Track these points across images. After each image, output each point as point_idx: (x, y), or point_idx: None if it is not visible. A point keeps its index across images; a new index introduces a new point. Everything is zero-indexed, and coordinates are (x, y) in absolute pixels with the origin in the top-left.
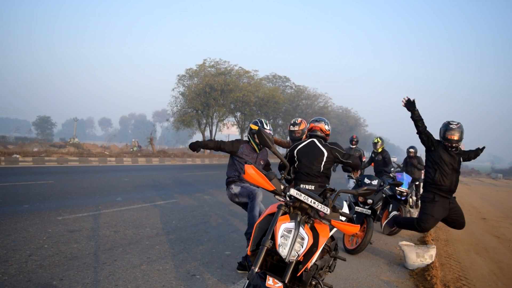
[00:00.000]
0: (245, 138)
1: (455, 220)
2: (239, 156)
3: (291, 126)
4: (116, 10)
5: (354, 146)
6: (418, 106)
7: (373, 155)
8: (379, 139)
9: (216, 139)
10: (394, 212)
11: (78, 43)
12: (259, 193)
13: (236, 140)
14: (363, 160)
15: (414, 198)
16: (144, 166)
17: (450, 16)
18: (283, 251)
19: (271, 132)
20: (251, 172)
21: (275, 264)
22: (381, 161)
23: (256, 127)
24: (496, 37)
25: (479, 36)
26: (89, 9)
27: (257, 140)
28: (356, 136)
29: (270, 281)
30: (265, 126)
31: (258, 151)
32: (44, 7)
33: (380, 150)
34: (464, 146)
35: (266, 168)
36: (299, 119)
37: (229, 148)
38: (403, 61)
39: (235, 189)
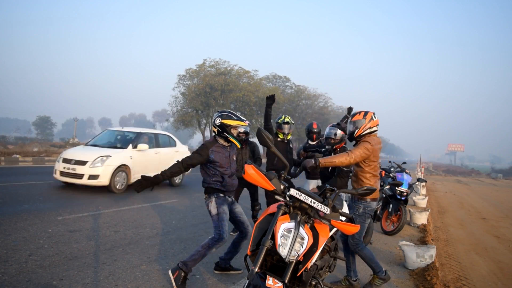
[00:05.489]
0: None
1: None
2: (214, 161)
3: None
4: (116, 11)
5: (314, 142)
6: (423, 107)
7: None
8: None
9: (179, 160)
10: None
11: (78, 44)
12: None
13: (202, 146)
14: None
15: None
16: None
17: (457, 20)
18: (283, 251)
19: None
20: (251, 172)
21: (275, 264)
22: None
23: (233, 122)
24: (500, 42)
25: (482, 39)
26: (89, 10)
27: (234, 134)
28: (318, 126)
29: (270, 281)
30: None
31: (240, 146)
32: (44, 8)
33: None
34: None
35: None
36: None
37: (199, 159)
38: (408, 64)
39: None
